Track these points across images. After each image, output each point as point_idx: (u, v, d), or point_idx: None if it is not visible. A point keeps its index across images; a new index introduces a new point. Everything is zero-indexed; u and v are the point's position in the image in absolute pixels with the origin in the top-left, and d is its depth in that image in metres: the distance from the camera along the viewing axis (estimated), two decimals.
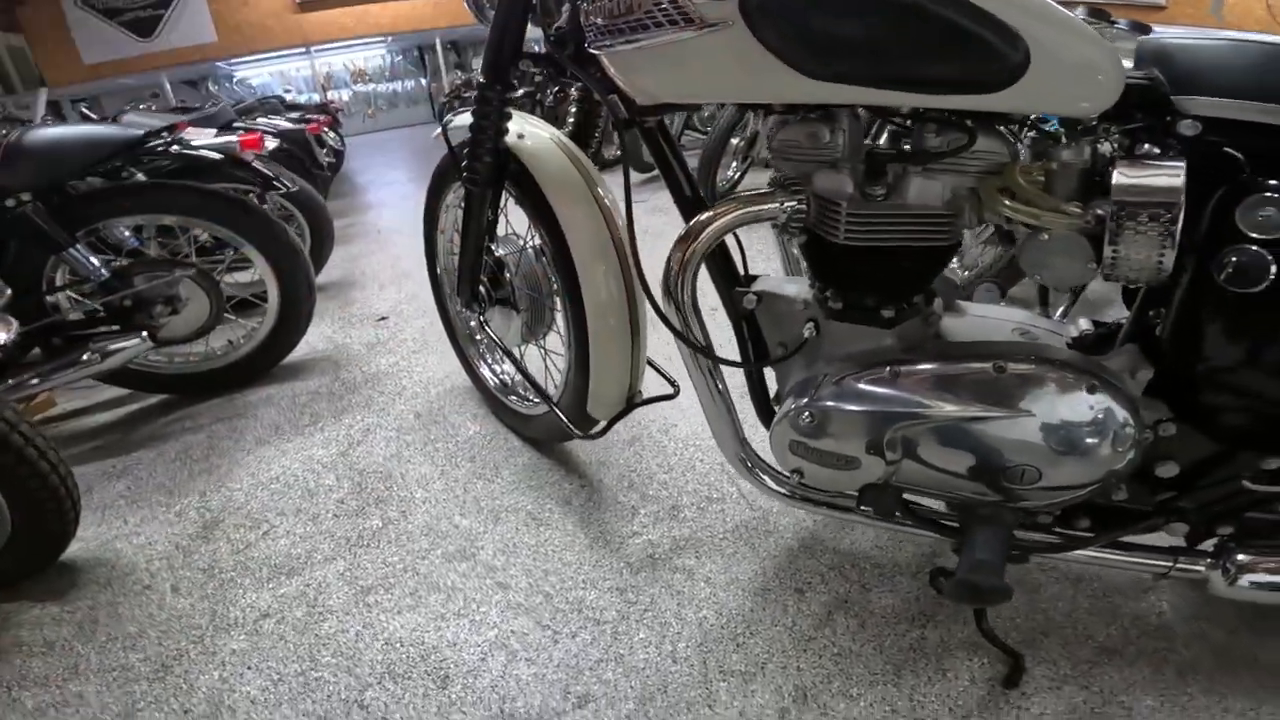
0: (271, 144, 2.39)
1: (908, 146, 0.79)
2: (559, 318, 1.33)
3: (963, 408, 0.75)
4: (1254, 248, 0.62)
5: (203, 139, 2.09)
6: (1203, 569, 0.79)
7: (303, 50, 10.25)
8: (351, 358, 2.09)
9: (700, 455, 1.44)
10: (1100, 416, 0.71)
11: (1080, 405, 0.72)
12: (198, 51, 9.30)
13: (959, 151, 0.74)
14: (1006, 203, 0.73)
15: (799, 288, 0.92)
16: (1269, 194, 0.62)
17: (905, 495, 0.88)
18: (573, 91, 4.58)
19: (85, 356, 1.65)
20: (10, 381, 1.59)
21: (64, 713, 1.06)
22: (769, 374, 1.04)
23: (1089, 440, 0.72)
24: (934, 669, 0.99)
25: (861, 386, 0.81)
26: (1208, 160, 0.66)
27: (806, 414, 0.83)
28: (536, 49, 1.15)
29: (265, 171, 1.97)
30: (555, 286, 1.28)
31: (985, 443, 0.76)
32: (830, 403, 0.82)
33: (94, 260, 1.69)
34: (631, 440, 1.51)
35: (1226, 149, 0.65)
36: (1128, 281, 0.70)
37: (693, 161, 3.01)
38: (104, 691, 1.09)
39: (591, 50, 0.88)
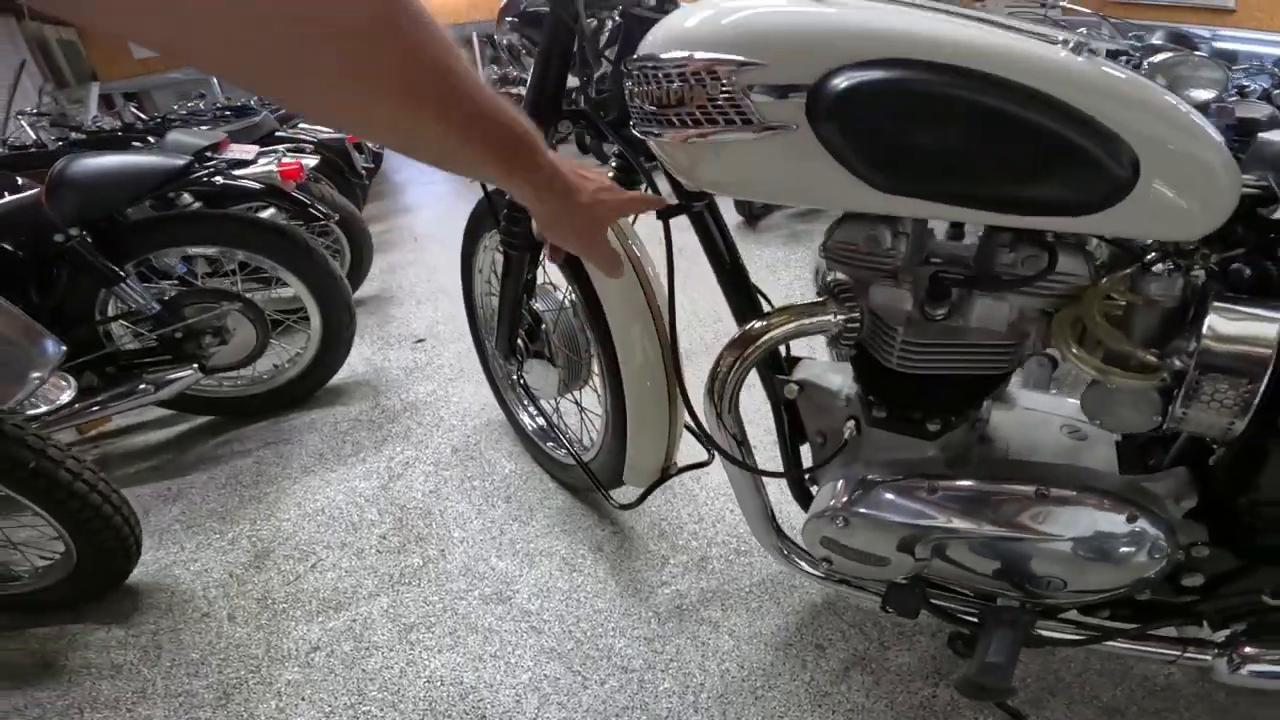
0: (311, 161, 2.46)
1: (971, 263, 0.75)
2: (595, 373, 1.37)
3: (1000, 528, 0.77)
4: None
5: (243, 155, 2.15)
6: (1209, 659, 0.83)
7: None
8: (390, 383, 2.17)
9: (730, 506, 1.50)
10: (1135, 538, 0.73)
11: (1117, 529, 0.74)
12: None
13: (1037, 278, 0.70)
14: (1074, 350, 0.70)
15: (843, 380, 0.92)
16: None
17: (929, 585, 0.92)
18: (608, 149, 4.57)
19: (141, 387, 1.74)
20: (75, 406, 1.68)
21: None
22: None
23: (1120, 557, 0.74)
24: None
25: (898, 499, 0.81)
26: None
27: (840, 518, 0.84)
28: (577, 99, 1.08)
29: (304, 201, 2.04)
30: (591, 343, 1.33)
31: (1018, 556, 0.79)
32: (865, 509, 0.82)
33: (145, 295, 1.77)
34: (663, 487, 1.57)
35: None
36: (1207, 433, 0.67)
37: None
38: (170, 716, 1.18)
39: (638, 133, 0.81)
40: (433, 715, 1.14)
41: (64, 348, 1.27)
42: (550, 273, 1.43)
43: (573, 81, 1.09)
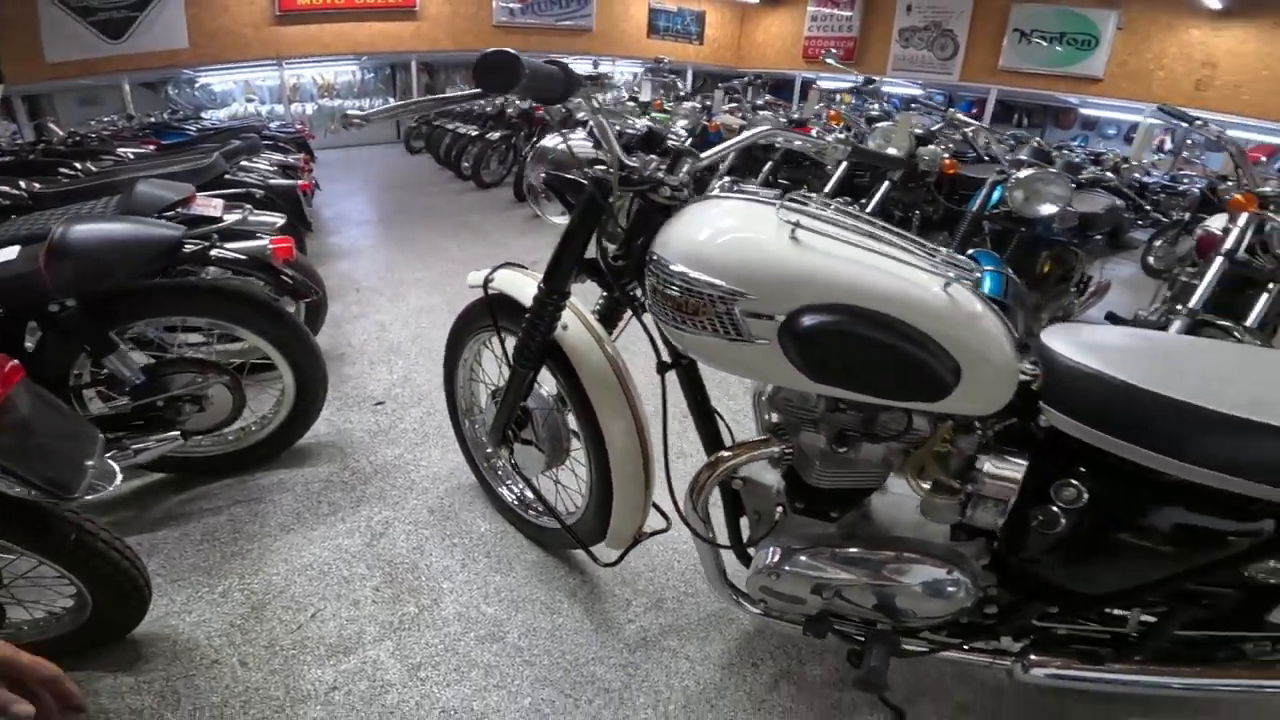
0: (278, 221, 2.52)
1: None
2: (574, 457, 1.65)
3: (873, 578, 1.18)
4: (1055, 508, 1.01)
5: (211, 212, 2.21)
6: (1009, 663, 1.25)
7: (274, 63, 9.88)
8: (356, 445, 2.33)
9: (677, 558, 1.84)
10: (954, 583, 1.13)
11: (944, 576, 1.15)
12: (167, 57, 8.81)
13: (899, 434, 1.10)
14: (913, 480, 1.11)
15: (774, 478, 1.26)
16: (1072, 480, 1.00)
17: (833, 616, 1.30)
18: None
19: (119, 454, 1.80)
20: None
21: None
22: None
23: (945, 594, 1.15)
24: None
25: (810, 561, 1.19)
26: (1051, 452, 1.02)
27: (772, 574, 1.22)
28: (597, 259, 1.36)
29: (293, 281, 2.16)
30: (574, 433, 1.60)
31: (885, 595, 1.19)
32: (789, 568, 1.20)
33: (134, 364, 1.84)
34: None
35: (1064, 446, 1.00)
36: (981, 527, 1.11)
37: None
38: None
39: (651, 315, 1.16)
40: None
41: (102, 435, 1.39)
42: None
43: None
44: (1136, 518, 1.00)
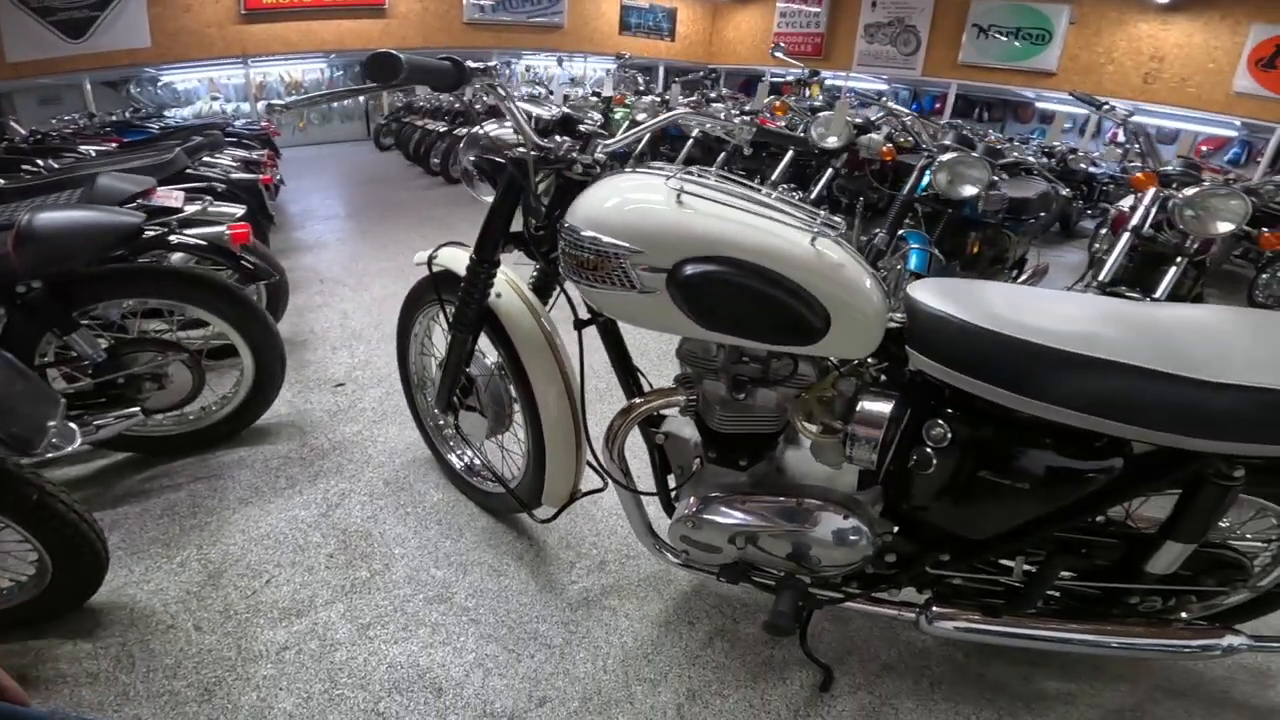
0: (238, 211, 2.59)
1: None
2: (518, 423, 1.75)
3: (779, 525, 1.28)
4: (927, 449, 1.12)
5: (173, 203, 2.28)
6: (914, 615, 1.35)
7: (239, 61, 9.77)
8: (315, 424, 2.39)
9: (620, 523, 1.93)
10: (853, 530, 1.25)
11: (843, 523, 1.25)
12: (128, 56, 8.68)
13: (788, 378, 1.22)
14: (800, 422, 1.20)
15: (692, 431, 1.36)
16: (939, 421, 1.11)
17: (748, 566, 1.40)
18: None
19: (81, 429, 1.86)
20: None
21: None
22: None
23: (848, 543, 1.25)
24: (778, 677, 1.52)
25: (723, 509, 1.30)
26: (919, 392, 1.15)
27: (690, 522, 1.32)
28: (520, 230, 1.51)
29: (251, 265, 2.23)
30: (515, 399, 1.70)
31: (792, 543, 1.29)
32: (704, 516, 1.31)
33: (95, 344, 1.91)
34: (569, 510, 1.96)
35: (932, 388, 1.13)
36: (862, 466, 1.22)
37: None
38: (159, 714, 1.39)
39: (567, 278, 1.25)
40: (397, 691, 1.45)
41: (63, 397, 1.46)
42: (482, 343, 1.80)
43: None
44: (997, 456, 1.11)
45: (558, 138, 1.38)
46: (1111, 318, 1.08)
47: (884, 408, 1.15)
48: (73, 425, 1.47)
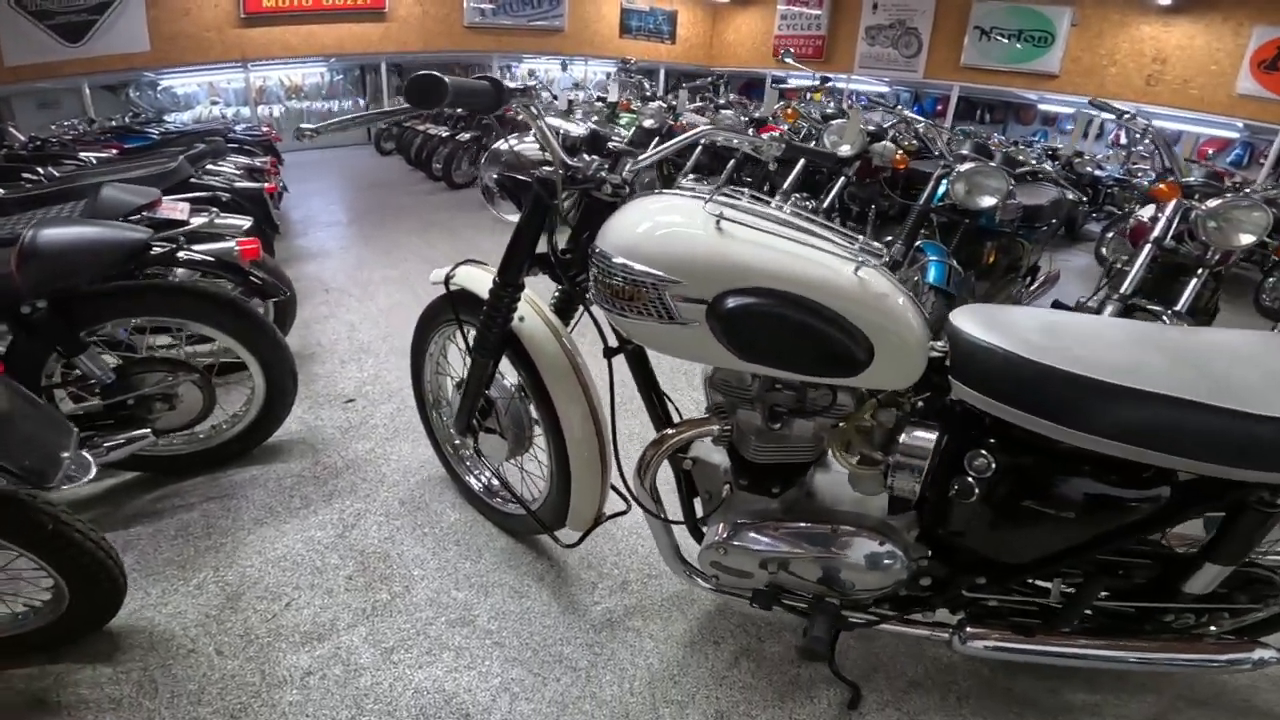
0: (245, 223, 2.57)
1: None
2: (537, 444, 1.72)
3: (812, 551, 1.26)
4: (969, 479, 1.10)
5: (178, 215, 2.27)
6: (947, 635, 1.34)
7: (239, 65, 9.71)
8: (327, 442, 2.37)
9: (641, 542, 1.91)
10: (888, 554, 1.23)
11: (878, 548, 1.24)
12: (126, 60, 8.60)
13: (825, 409, 1.20)
14: (839, 454, 1.20)
15: (721, 458, 1.34)
16: (981, 451, 1.09)
17: (780, 590, 1.38)
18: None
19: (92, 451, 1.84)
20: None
21: None
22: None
23: (882, 567, 1.24)
24: (805, 696, 1.50)
25: (755, 535, 1.28)
26: (960, 421, 1.13)
27: (721, 549, 1.31)
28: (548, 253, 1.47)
29: (260, 281, 2.21)
30: (536, 421, 1.67)
31: (825, 568, 1.27)
32: (735, 543, 1.29)
33: (104, 364, 1.88)
34: None
35: (973, 417, 1.11)
36: (903, 495, 1.18)
37: None
38: None
39: (599, 306, 1.22)
40: (425, 717, 1.43)
41: (75, 427, 1.43)
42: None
43: None
44: (1041, 486, 1.09)
45: (585, 156, 1.35)
46: (1153, 345, 1.07)
47: (929, 438, 1.13)
48: (87, 455, 1.43)
